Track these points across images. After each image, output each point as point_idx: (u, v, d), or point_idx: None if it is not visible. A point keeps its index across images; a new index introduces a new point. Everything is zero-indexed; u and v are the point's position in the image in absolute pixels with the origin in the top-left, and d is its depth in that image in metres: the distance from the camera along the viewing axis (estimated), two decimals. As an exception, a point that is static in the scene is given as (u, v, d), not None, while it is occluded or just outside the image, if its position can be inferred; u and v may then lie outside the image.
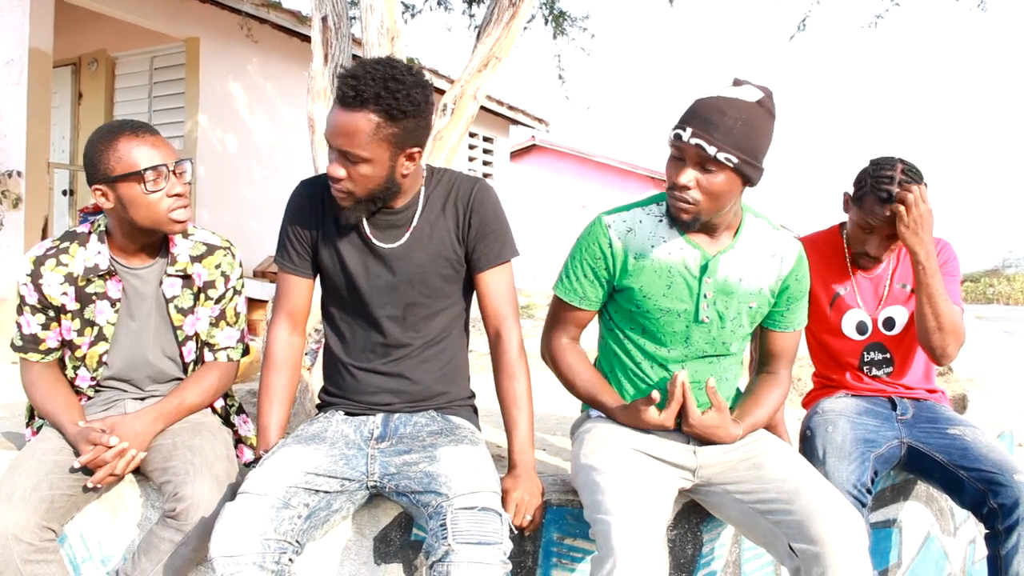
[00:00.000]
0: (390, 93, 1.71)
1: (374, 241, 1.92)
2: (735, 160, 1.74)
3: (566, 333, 2.09)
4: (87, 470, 1.85)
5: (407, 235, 1.92)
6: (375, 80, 1.71)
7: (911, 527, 2.51)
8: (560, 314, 2.09)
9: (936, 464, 2.19)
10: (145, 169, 1.87)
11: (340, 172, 1.78)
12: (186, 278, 2.04)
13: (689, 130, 1.75)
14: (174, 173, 1.92)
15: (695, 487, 1.98)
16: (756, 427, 2.00)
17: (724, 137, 1.73)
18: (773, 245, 1.99)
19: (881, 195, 2.19)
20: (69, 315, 1.99)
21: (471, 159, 11.39)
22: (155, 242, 2.02)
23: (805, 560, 1.71)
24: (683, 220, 1.85)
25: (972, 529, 2.74)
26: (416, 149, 1.81)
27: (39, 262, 1.96)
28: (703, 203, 1.81)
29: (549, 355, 2.12)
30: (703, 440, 1.93)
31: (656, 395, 1.85)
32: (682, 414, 1.89)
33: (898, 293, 2.35)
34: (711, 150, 1.73)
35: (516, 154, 16.66)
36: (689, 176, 1.78)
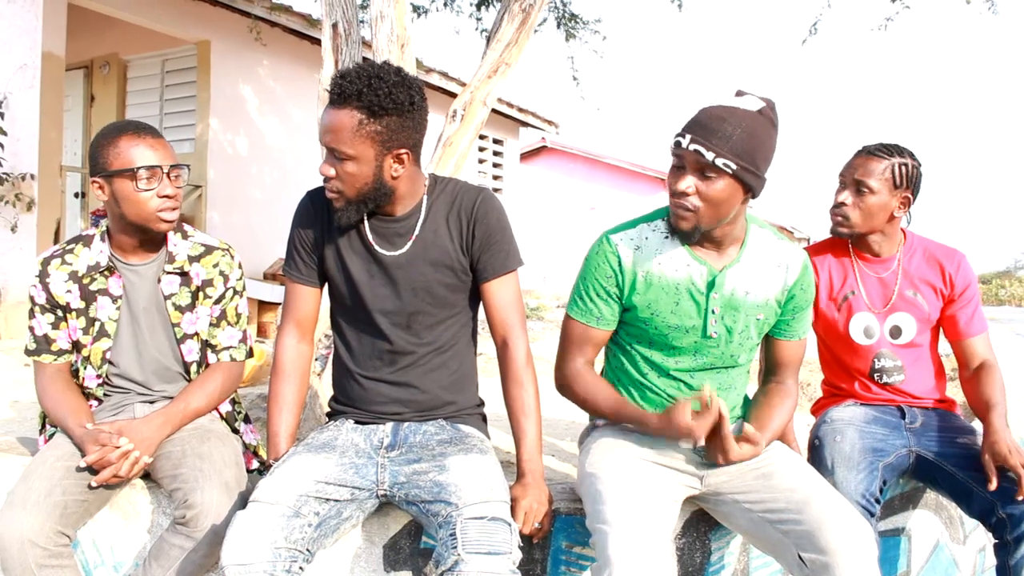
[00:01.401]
0: (372, 90, 1.76)
1: (377, 249, 1.94)
2: (733, 166, 1.75)
3: (582, 355, 2.04)
4: (92, 470, 1.87)
5: (409, 243, 1.94)
6: (360, 78, 1.77)
7: (920, 535, 2.50)
8: (575, 337, 2.04)
9: (945, 473, 2.19)
10: (139, 168, 1.94)
11: (329, 171, 1.83)
12: (183, 275, 2.09)
13: (688, 137, 1.77)
14: (168, 176, 1.98)
15: (704, 495, 1.98)
16: (772, 440, 2.00)
17: (722, 143, 1.74)
18: (779, 255, 1.99)
19: (868, 149, 2.30)
20: (74, 313, 2.04)
21: (481, 161, 11.41)
22: (152, 240, 2.07)
23: (814, 570, 1.70)
24: (683, 229, 1.85)
25: (982, 537, 2.73)
26: (404, 151, 1.84)
27: (46, 262, 2.05)
28: (703, 210, 1.81)
29: (565, 383, 2.06)
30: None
31: (708, 389, 1.80)
32: (721, 450, 1.84)
33: (907, 300, 2.33)
34: (709, 156, 1.74)
35: (526, 156, 16.67)
36: (688, 182, 1.80)
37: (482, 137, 11.15)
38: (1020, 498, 2.02)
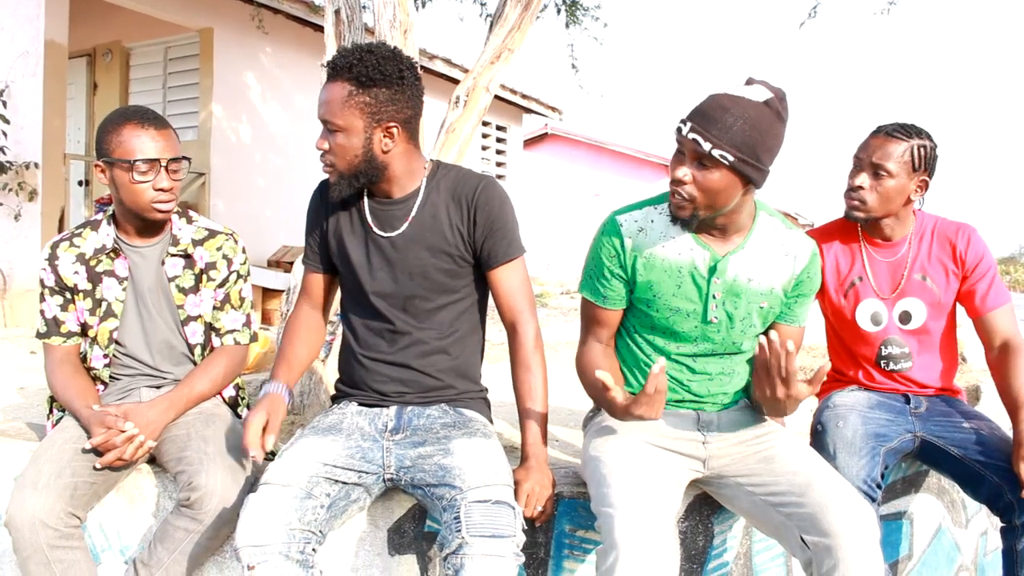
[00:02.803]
0: (362, 62, 1.82)
1: (374, 230, 1.97)
2: (730, 158, 1.72)
3: (595, 337, 2.06)
4: (98, 452, 1.89)
5: (406, 225, 1.96)
6: (353, 53, 1.84)
7: (922, 519, 2.51)
8: (588, 316, 2.07)
9: (951, 458, 2.18)
10: (136, 160, 1.96)
11: (323, 144, 1.88)
12: (187, 258, 2.13)
13: (689, 124, 1.76)
14: (166, 169, 2.00)
15: (707, 479, 1.99)
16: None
17: (721, 134, 1.71)
18: (786, 244, 1.98)
19: (886, 130, 2.23)
20: (81, 294, 2.08)
21: (484, 148, 11.39)
22: (152, 224, 2.11)
23: (817, 552, 1.71)
24: (680, 216, 1.85)
25: (984, 521, 2.74)
26: (393, 124, 1.87)
27: (55, 245, 2.09)
28: (699, 199, 1.79)
29: (577, 363, 2.07)
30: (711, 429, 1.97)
31: (659, 364, 1.69)
32: (788, 383, 1.73)
33: (916, 285, 2.29)
34: (706, 146, 1.72)
35: (530, 142, 16.63)
36: (685, 171, 1.78)
37: (485, 124, 11.12)
38: None
